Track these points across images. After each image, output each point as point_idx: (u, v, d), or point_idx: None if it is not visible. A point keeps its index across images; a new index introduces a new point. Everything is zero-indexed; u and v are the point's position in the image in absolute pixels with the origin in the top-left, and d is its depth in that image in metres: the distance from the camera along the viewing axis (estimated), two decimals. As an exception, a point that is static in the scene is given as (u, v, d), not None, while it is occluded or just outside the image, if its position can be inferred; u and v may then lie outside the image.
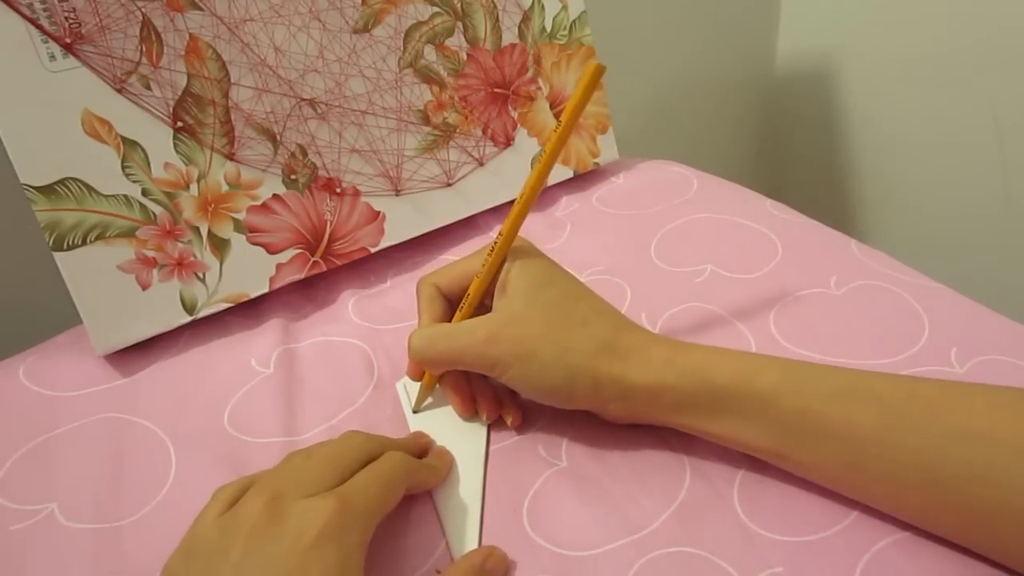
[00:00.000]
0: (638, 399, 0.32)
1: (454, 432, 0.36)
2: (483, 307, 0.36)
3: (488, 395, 0.37)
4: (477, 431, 0.36)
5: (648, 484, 0.33)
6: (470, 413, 0.37)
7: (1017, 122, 0.87)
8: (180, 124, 0.44)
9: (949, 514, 0.28)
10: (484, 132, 0.55)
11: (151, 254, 0.44)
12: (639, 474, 0.34)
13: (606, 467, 0.34)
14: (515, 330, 0.33)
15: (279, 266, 0.48)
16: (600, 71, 0.33)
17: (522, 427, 0.37)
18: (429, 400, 0.38)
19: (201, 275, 0.45)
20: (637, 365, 0.32)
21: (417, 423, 0.38)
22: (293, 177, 0.48)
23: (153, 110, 0.43)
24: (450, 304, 0.38)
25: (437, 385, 0.38)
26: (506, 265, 0.35)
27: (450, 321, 0.37)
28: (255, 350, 0.44)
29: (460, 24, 0.53)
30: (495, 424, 0.37)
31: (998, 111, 0.88)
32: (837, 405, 0.29)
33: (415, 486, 0.32)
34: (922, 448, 0.27)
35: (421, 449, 0.35)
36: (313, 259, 0.49)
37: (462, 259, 0.38)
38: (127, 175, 0.43)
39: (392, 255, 0.53)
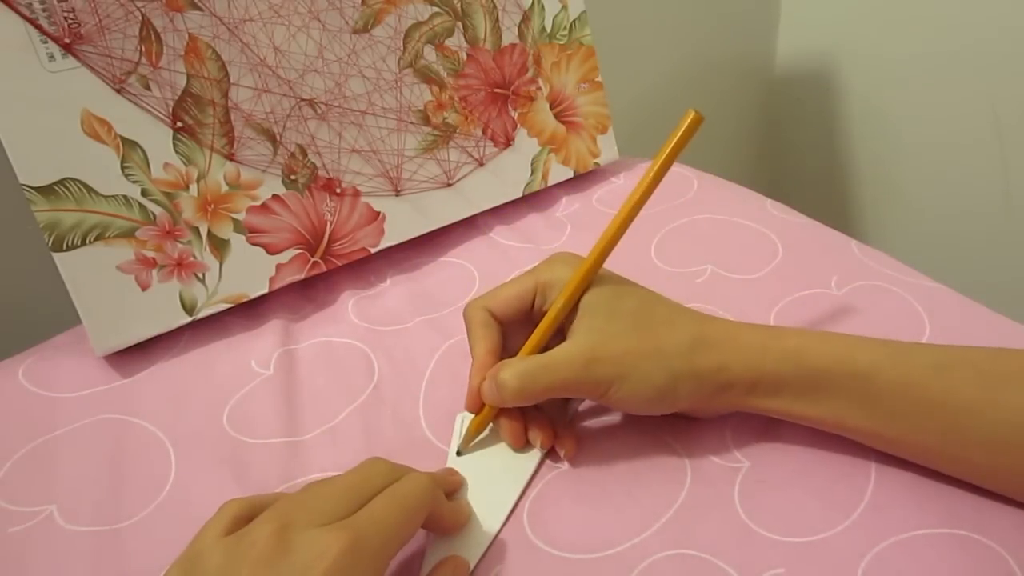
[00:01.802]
0: (738, 389, 0.32)
1: (487, 481, 0.34)
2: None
3: (544, 424, 0.35)
4: (512, 484, 0.34)
5: (649, 486, 0.33)
6: (522, 443, 0.35)
7: (1017, 122, 0.87)
8: (180, 124, 0.44)
9: None
10: (484, 132, 0.55)
11: (151, 254, 0.44)
12: (640, 476, 0.34)
13: (607, 469, 0.34)
14: (610, 348, 0.32)
15: (279, 266, 0.48)
16: (698, 121, 0.34)
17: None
18: (478, 439, 0.36)
19: (201, 276, 0.45)
20: (733, 355, 0.32)
21: (457, 463, 0.36)
22: (293, 177, 0.48)
23: (152, 110, 0.43)
24: (502, 328, 0.36)
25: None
26: None
27: (504, 348, 0.36)
28: (255, 351, 0.44)
29: (460, 24, 0.53)
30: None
31: (998, 111, 0.88)
32: (937, 375, 0.30)
33: (434, 519, 0.30)
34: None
35: (450, 486, 0.33)
36: (313, 259, 0.49)
37: (508, 283, 0.36)
38: (126, 175, 0.43)
39: (392, 255, 0.53)
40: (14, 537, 0.34)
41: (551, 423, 0.36)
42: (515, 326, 0.36)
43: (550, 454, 0.36)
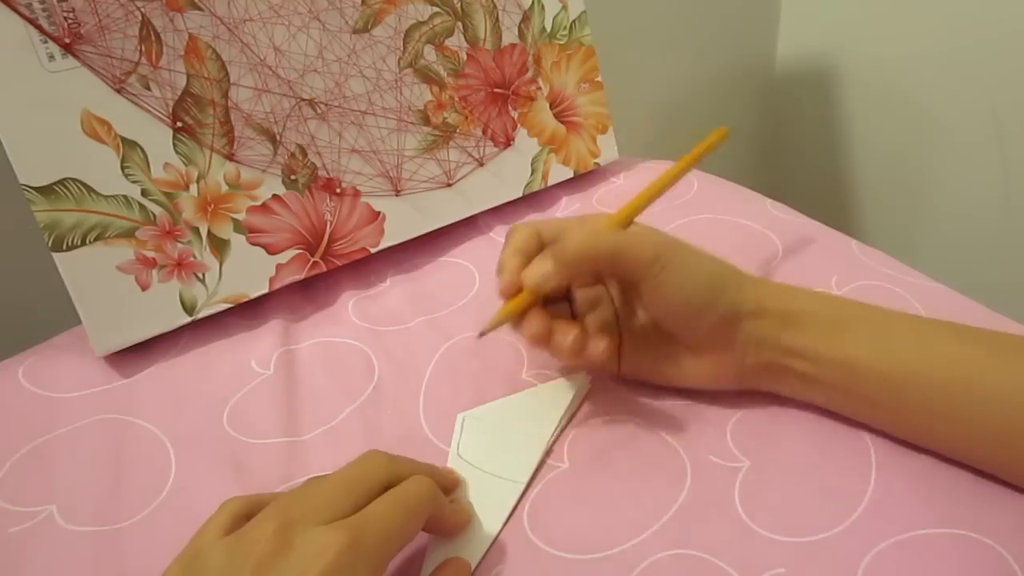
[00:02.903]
0: (771, 318, 0.34)
1: (488, 481, 0.34)
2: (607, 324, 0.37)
3: (571, 328, 0.34)
4: (512, 484, 0.34)
5: (649, 486, 0.33)
6: (544, 341, 0.34)
7: (1017, 122, 0.87)
8: (180, 124, 0.44)
9: None
10: (484, 132, 0.55)
11: (151, 254, 0.44)
12: (640, 475, 0.34)
13: (607, 469, 0.34)
14: (667, 241, 0.34)
15: (279, 266, 0.48)
16: (724, 135, 0.38)
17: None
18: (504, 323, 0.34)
19: (201, 276, 0.45)
20: (768, 289, 0.35)
21: (457, 463, 0.35)
22: (293, 177, 0.48)
23: (152, 110, 0.43)
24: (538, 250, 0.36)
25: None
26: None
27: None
28: (255, 351, 0.44)
29: (460, 24, 0.53)
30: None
31: (998, 111, 0.88)
32: (949, 334, 0.33)
33: (435, 521, 0.30)
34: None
35: (449, 484, 0.33)
36: (313, 259, 0.49)
37: (557, 218, 0.39)
38: (126, 175, 0.43)
39: (392, 255, 0.53)
40: (14, 537, 0.34)
41: (580, 325, 0.35)
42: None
43: (550, 454, 0.35)
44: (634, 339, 0.37)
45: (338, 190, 0.49)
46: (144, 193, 0.43)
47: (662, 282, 0.33)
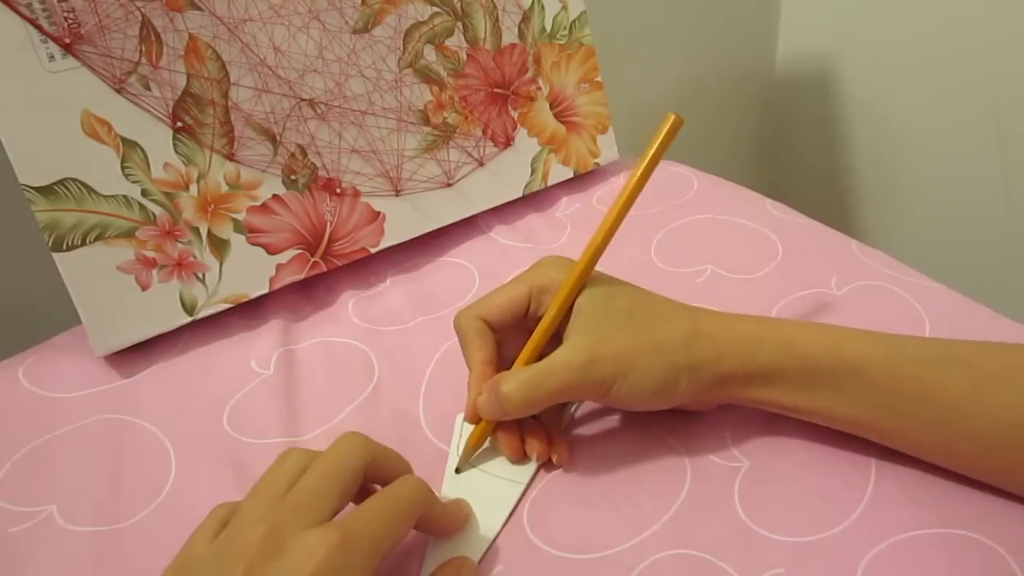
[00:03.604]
0: (735, 380, 0.33)
1: (488, 483, 0.34)
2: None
3: (539, 435, 0.35)
4: (512, 485, 0.34)
5: (649, 486, 0.33)
6: (520, 456, 0.35)
7: (1017, 122, 0.87)
8: (180, 124, 0.44)
9: None
10: (484, 132, 0.55)
11: (151, 255, 0.44)
12: (639, 476, 0.34)
13: (607, 469, 0.34)
14: (609, 347, 0.32)
15: (279, 267, 0.48)
16: (678, 124, 0.35)
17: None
18: (476, 454, 0.35)
19: (201, 276, 0.45)
20: (729, 346, 0.33)
21: (455, 463, 0.36)
22: (293, 177, 0.48)
23: (152, 110, 0.43)
24: (496, 336, 0.36)
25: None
26: None
27: (500, 356, 0.36)
28: (255, 351, 0.44)
29: (460, 24, 0.53)
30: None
31: (998, 111, 0.88)
32: (927, 370, 0.30)
33: (427, 521, 0.30)
34: (1015, 404, 0.29)
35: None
36: (313, 259, 0.49)
37: (499, 289, 0.36)
38: (127, 175, 0.43)
39: (392, 255, 0.53)
40: (14, 537, 0.34)
41: (546, 433, 0.35)
42: (509, 332, 0.36)
43: (546, 464, 0.35)
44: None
45: (338, 190, 0.49)
46: (144, 193, 0.43)
47: (615, 399, 0.32)
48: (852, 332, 0.33)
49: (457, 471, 0.35)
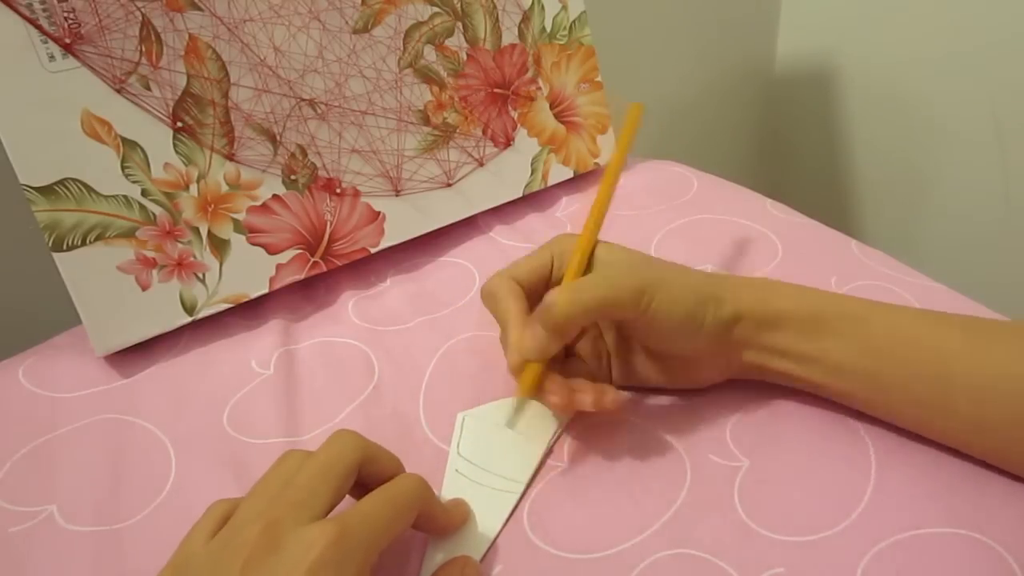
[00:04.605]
0: (749, 321, 0.34)
1: (488, 481, 0.34)
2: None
3: (586, 386, 0.35)
4: (512, 484, 0.34)
5: (649, 485, 0.33)
6: (568, 403, 0.34)
7: (1017, 122, 0.87)
8: (180, 124, 0.44)
9: None
10: (484, 132, 0.55)
11: (151, 255, 0.44)
12: (640, 475, 0.34)
13: (607, 469, 0.34)
14: (639, 270, 0.35)
15: (279, 267, 0.48)
16: (639, 109, 0.38)
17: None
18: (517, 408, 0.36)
19: (201, 276, 0.45)
20: (745, 289, 0.35)
21: (458, 463, 0.35)
22: (293, 177, 0.48)
23: (153, 110, 0.43)
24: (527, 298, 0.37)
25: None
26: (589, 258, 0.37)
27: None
28: (255, 351, 0.44)
29: (460, 24, 0.53)
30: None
31: (998, 112, 0.88)
32: (926, 324, 0.33)
33: (425, 519, 0.30)
34: (1011, 359, 0.30)
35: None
36: (313, 259, 0.49)
37: (526, 257, 0.38)
38: (127, 175, 0.43)
39: (392, 255, 0.53)
40: (14, 537, 0.34)
41: (595, 382, 0.35)
42: (535, 297, 0.36)
43: (550, 454, 0.35)
44: (623, 354, 0.38)
45: (338, 190, 0.49)
46: (144, 193, 0.43)
47: (651, 317, 0.33)
48: (854, 296, 0.35)
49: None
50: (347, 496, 0.29)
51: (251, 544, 0.25)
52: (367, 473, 0.29)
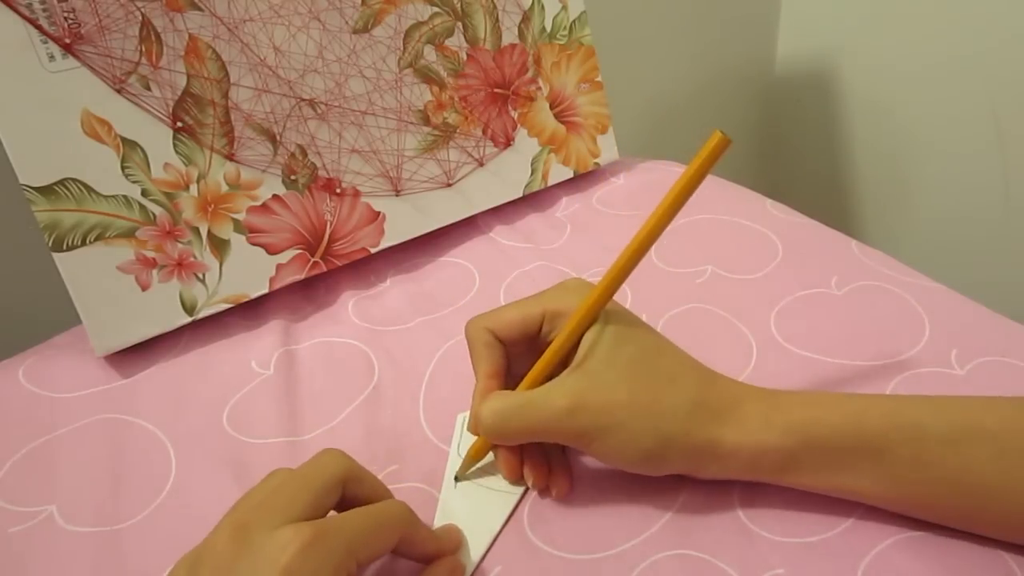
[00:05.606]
0: (736, 462, 0.30)
1: (488, 482, 0.34)
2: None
3: (538, 461, 0.34)
4: (510, 489, 0.34)
5: (649, 486, 0.33)
6: (517, 477, 0.33)
7: (1017, 123, 0.87)
8: (180, 124, 0.44)
9: None
10: (484, 132, 0.55)
11: (151, 255, 0.44)
12: (640, 476, 0.34)
13: (607, 469, 0.34)
14: (599, 397, 0.30)
15: (279, 267, 0.48)
16: (725, 143, 0.30)
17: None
18: (475, 467, 0.35)
19: (201, 276, 0.45)
20: (733, 426, 0.30)
21: (458, 463, 0.35)
22: (293, 177, 0.48)
23: (153, 110, 0.43)
24: (506, 349, 0.34)
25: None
26: None
27: (509, 371, 0.34)
28: (255, 351, 0.44)
29: (460, 24, 0.53)
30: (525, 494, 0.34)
31: (998, 112, 0.88)
32: (952, 451, 0.28)
33: (408, 543, 0.28)
34: None
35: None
36: (313, 259, 0.49)
37: (514, 304, 0.34)
38: (127, 175, 0.43)
39: (392, 255, 0.53)
40: (14, 537, 0.34)
41: (546, 460, 0.34)
42: (519, 348, 0.34)
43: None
44: None
45: (338, 190, 0.49)
46: (144, 193, 0.43)
47: (595, 452, 0.31)
48: (871, 407, 0.30)
49: (456, 480, 0.35)
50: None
51: (220, 548, 0.24)
52: (352, 494, 0.29)
